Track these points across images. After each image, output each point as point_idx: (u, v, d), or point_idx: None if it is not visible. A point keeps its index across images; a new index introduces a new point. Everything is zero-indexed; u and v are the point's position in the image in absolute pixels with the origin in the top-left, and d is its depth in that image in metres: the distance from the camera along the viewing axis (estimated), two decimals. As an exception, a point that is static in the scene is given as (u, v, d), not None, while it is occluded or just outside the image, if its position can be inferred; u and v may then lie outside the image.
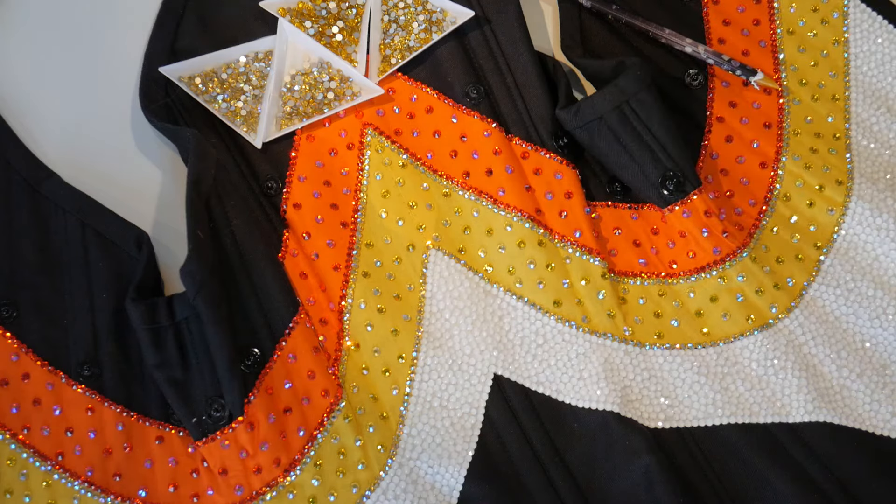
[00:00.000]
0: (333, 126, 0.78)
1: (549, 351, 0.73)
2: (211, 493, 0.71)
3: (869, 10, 0.77)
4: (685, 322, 0.73)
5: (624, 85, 0.73)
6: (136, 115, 0.79)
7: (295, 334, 0.73)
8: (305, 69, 0.79)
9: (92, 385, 0.72)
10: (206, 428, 0.70)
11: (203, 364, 0.71)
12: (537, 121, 0.76)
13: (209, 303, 0.70)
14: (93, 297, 0.74)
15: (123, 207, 0.76)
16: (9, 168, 0.77)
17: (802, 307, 0.72)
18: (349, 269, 0.75)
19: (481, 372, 0.73)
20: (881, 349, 0.71)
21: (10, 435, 0.71)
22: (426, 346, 0.73)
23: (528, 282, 0.74)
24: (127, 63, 0.80)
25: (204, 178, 0.74)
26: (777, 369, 0.71)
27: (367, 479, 0.71)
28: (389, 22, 0.79)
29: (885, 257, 0.72)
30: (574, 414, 0.72)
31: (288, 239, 0.76)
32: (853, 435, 0.70)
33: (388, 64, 0.78)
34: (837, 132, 0.75)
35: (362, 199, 0.76)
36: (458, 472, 0.71)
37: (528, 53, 0.77)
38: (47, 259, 0.75)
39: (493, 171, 0.76)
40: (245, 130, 0.77)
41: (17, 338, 0.73)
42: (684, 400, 0.72)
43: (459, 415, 0.72)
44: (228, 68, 0.79)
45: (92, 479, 0.71)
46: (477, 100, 0.77)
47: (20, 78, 0.81)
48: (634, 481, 0.70)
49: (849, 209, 0.73)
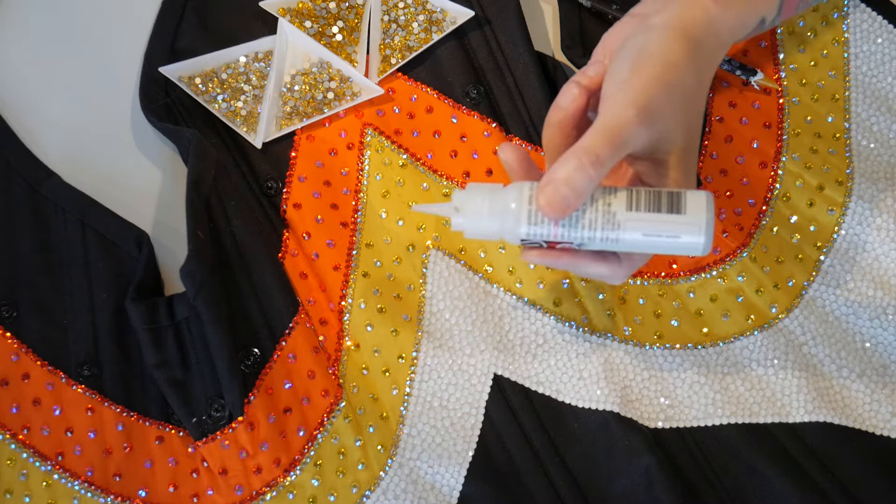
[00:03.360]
0: (333, 126, 0.78)
1: (549, 351, 0.73)
2: (211, 493, 0.71)
3: (869, 10, 0.77)
4: (685, 322, 0.73)
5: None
6: (136, 115, 0.79)
7: (295, 334, 0.73)
8: (305, 69, 0.79)
9: (92, 385, 0.72)
10: (206, 428, 0.70)
11: (203, 364, 0.71)
12: (537, 121, 0.76)
13: (209, 303, 0.70)
14: (93, 297, 0.74)
15: (123, 207, 0.76)
16: (9, 168, 0.77)
17: (802, 307, 0.72)
18: (349, 269, 0.75)
19: (481, 372, 0.73)
20: (881, 349, 0.71)
21: (10, 435, 0.71)
22: (426, 346, 0.73)
23: (528, 282, 0.74)
24: (127, 63, 0.80)
25: (204, 178, 0.74)
26: (777, 369, 0.71)
27: (367, 479, 0.71)
28: (389, 22, 0.79)
29: (885, 257, 0.72)
30: (574, 414, 0.72)
31: (288, 239, 0.76)
32: (853, 435, 0.70)
33: (388, 64, 0.78)
34: (837, 132, 0.75)
35: (362, 199, 0.76)
36: (458, 472, 0.71)
37: (527, 53, 0.77)
38: (47, 259, 0.75)
39: (492, 171, 0.76)
40: (245, 130, 0.77)
41: (17, 338, 0.73)
42: (684, 400, 0.71)
43: (459, 415, 0.72)
44: (228, 68, 0.79)
45: (92, 479, 0.71)
46: (477, 100, 0.77)
47: (20, 78, 0.81)
48: (634, 481, 0.70)
49: (849, 209, 0.73)
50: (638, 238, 0.58)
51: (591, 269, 0.62)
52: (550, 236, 0.59)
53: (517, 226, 0.59)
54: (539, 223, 0.58)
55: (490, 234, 0.60)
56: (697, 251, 0.58)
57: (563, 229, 0.58)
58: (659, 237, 0.58)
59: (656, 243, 0.58)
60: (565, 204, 0.57)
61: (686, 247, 0.58)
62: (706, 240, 0.58)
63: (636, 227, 0.58)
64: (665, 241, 0.58)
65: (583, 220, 0.58)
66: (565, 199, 0.57)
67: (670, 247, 0.58)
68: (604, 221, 0.58)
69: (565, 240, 0.59)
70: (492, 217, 0.59)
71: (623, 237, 0.58)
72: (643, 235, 0.58)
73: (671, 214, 0.58)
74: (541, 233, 0.59)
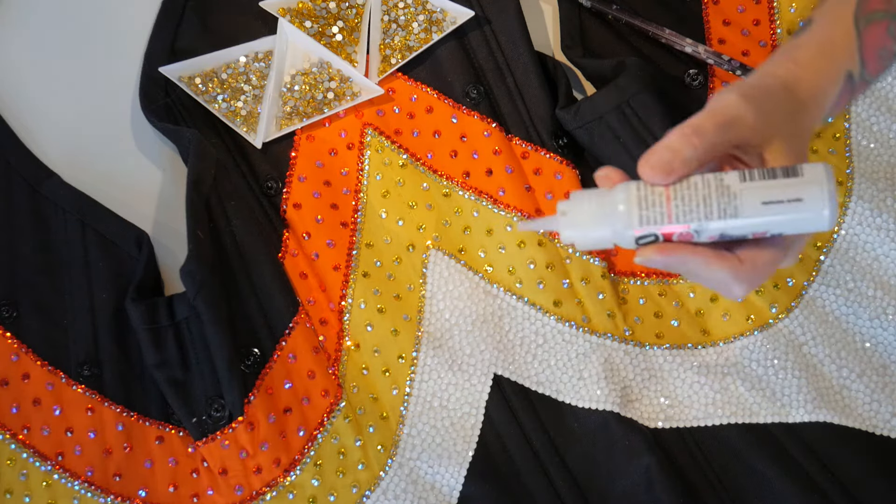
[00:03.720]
0: (333, 126, 0.78)
1: (549, 351, 0.73)
2: (211, 493, 0.71)
3: (869, 10, 0.77)
4: (685, 322, 0.73)
5: (624, 85, 0.73)
6: (136, 115, 0.79)
7: (295, 334, 0.73)
8: (305, 69, 0.79)
9: (92, 385, 0.72)
10: (206, 428, 0.70)
11: (203, 364, 0.71)
12: (537, 121, 0.76)
13: (209, 303, 0.70)
14: (93, 297, 0.74)
15: (123, 207, 0.76)
16: (9, 168, 0.77)
17: (802, 307, 0.72)
18: (349, 269, 0.75)
19: (481, 372, 0.72)
20: (881, 349, 0.71)
21: (10, 435, 0.71)
22: (426, 346, 0.73)
23: (528, 282, 0.73)
24: (127, 63, 0.80)
25: (204, 178, 0.74)
26: (777, 369, 0.71)
27: (367, 479, 0.71)
28: (389, 22, 0.79)
29: (886, 257, 0.72)
30: (574, 414, 0.72)
31: (288, 239, 0.76)
32: (853, 435, 0.70)
33: (388, 64, 0.78)
34: (837, 132, 0.75)
35: (362, 199, 0.76)
36: (458, 471, 0.71)
37: (527, 53, 0.77)
38: (47, 259, 0.75)
39: (492, 171, 0.76)
40: (245, 130, 0.77)
41: (17, 338, 0.73)
42: (684, 400, 0.71)
43: (459, 415, 0.72)
44: (228, 68, 0.79)
45: (92, 479, 0.71)
46: (477, 100, 0.77)
47: (20, 78, 0.81)
48: (634, 481, 0.70)
49: (849, 209, 0.73)
50: (758, 208, 0.53)
51: (711, 270, 0.56)
52: (664, 220, 0.55)
53: (629, 224, 0.55)
54: (652, 209, 0.55)
55: (602, 241, 0.57)
56: (823, 221, 0.53)
57: (676, 208, 0.55)
58: (780, 204, 0.53)
59: (779, 215, 0.53)
60: (668, 168, 0.54)
61: (811, 216, 0.53)
62: (832, 206, 0.53)
63: (754, 194, 0.54)
64: (788, 209, 0.53)
65: (696, 197, 0.54)
66: (668, 162, 0.54)
67: (794, 221, 0.54)
68: (718, 195, 0.54)
69: (680, 222, 0.55)
70: (601, 222, 0.56)
71: (742, 208, 0.54)
72: (762, 204, 0.53)
73: (788, 178, 0.53)
74: (655, 218, 0.55)
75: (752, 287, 0.56)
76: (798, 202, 0.53)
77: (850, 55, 0.63)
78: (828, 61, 0.62)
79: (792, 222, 0.54)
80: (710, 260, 0.55)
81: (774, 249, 0.55)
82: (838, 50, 0.62)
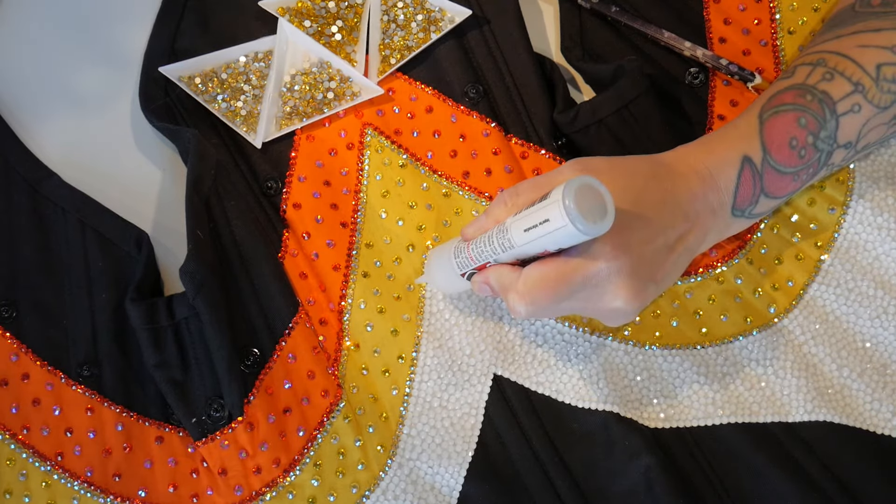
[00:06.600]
0: (333, 126, 0.78)
1: (549, 351, 0.73)
2: (210, 494, 0.71)
3: (870, 8, 0.77)
4: (684, 322, 0.73)
5: (623, 89, 0.73)
6: (136, 115, 0.79)
7: (295, 334, 0.73)
8: (305, 69, 0.79)
9: (92, 385, 0.72)
10: (206, 428, 0.70)
11: (203, 364, 0.71)
12: (536, 120, 0.76)
13: (209, 303, 0.71)
14: (93, 297, 0.74)
15: (123, 207, 0.76)
16: (9, 168, 0.77)
17: (802, 307, 0.72)
18: (349, 269, 0.75)
19: (481, 372, 0.72)
20: (881, 349, 0.71)
21: (9, 435, 0.72)
22: (426, 346, 0.73)
23: (528, 282, 0.73)
24: (127, 63, 0.80)
25: (204, 178, 0.74)
26: (777, 369, 0.71)
27: (367, 480, 0.71)
28: (388, 21, 0.79)
29: (886, 257, 0.72)
30: (574, 414, 0.72)
31: (288, 239, 0.76)
32: (853, 434, 0.70)
33: (388, 64, 0.78)
34: (838, 131, 0.75)
35: (362, 199, 0.76)
36: (458, 472, 0.71)
37: (526, 53, 0.77)
38: (47, 259, 0.75)
39: (492, 170, 0.76)
40: (245, 130, 0.77)
41: (16, 338, 0.73)
42: (684, 400, 0.71)
43: (459, 415, 0.72)
44: (228, 68, 0.79)
45: (91, 479, 0.71)
46: (476, 99, 0.77)
47: (20, 78, 0.81)
48: (634, 481, 0.70)
49: (849, 208, 0.73)
50: (522, 235, 0.61)
51: (506, 275, 0.64)
52: (472, 261, 0.65)
53: (456, 271, 0.67)
54: (463, 259, 0.66)
55: (455, 288, 0.70)
56: (575, 233, 0.58)
57: (473, 252, 0.65)
58: (535, 228, 0.60)
59: (540, 237, 0.60)
60: (467, 232, 0.66)
61: (563, 231, 0.58)
62: (572, 218, 0.57)
63: (518, 225, 0.61)
64: (543, 230, 0.59)
65: (485, 240, 0.64)
66: (470, 227, 0.66)
67: (553, 238, 0.59)
68: (498, 234, 0.63)
69: (482, 258, 0.64)
70: (445, 276, 0.68)
71: (513, 240, 0.61)
72: (524, 231, 0.60)
73: (540, 203, 0.60)
74: (466, 264, 0.66)
75: (534, 297, 0.62)
76: (547, 222, 0.59)
77: (749, 141, 0.66)
78: (721, 143, 0.66)
79: (553, 239, 0.60)
80: (504, 268, 0.64)
81: (556, 262, 0.61)
82: (737, 135, 0.67)
